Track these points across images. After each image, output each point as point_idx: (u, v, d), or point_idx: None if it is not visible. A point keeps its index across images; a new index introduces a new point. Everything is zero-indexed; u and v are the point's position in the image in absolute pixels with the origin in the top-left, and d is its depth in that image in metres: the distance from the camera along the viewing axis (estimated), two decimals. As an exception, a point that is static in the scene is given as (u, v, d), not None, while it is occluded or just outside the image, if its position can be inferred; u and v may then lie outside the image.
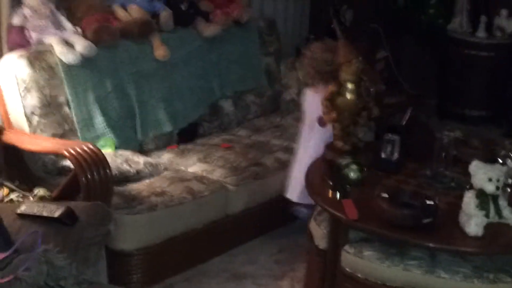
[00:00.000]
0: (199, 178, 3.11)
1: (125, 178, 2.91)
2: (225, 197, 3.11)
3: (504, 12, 4.91)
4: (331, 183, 2.65)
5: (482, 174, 2.37)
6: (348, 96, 2.93)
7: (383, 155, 2.90)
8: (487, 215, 2.34)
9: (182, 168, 3.25)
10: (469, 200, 2.40)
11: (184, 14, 3.64)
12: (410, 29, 5.19)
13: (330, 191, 2.62)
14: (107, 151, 2.93)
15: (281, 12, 4.54)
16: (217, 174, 3.18)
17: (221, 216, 3.11)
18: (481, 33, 4.93)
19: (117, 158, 2.96)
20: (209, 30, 3.70)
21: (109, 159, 2.66)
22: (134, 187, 2.91)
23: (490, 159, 2.70)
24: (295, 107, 4.07)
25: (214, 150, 3.42)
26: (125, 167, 2.92)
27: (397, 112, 4.21)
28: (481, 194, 2.37)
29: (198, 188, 3.00)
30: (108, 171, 2.58)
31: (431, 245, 2.34)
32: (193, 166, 3.26)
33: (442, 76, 5.28)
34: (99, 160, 2.57)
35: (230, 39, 3.84)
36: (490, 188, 2.35)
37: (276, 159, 3.40)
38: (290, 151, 3.48)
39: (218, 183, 3.12)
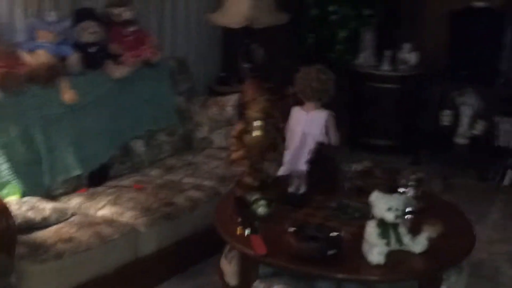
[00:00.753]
0: (109, 222, 3.07)
1: (31, 226, 2.84)
2: (135, 240, 3.08)
3: (406, 46, 5.14)
4: (240, 220, 2.68)
5: (382, 204, 2.46)
6: (256, 133, 3.00)
7: (290, 190, 2.96)
8: (388, 244, 2.43)
9: (92, 212, 3.21)
10: (371, 229, 2.48)
11: (93, 57, 3.63)
12: (320, 65, 5.32)
13: (239, 228, 2.65)
14: (12, 199, 2.86)
15: (193, 52, 4.59)
16: (128, 216, 3.16)
17: (132, 259, 3.07)
18: (386, 67, 5.14)
19: (22, 205, 2.89)
20: (118, 72, 3.70)
21: (13, 207, 2.60)
22: (40, 234, 2.83)
23: (391, 189, 2.81)
24: (208, 145, 4.12)
25: (125, 192, 3.39)
26: (30, 214, 2.86)
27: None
28: (382, 224, 2.46)
29: (107, 232, 2.96)
30: (10, 221, 2.50)
31: (336, 276, 2.42)
32: (103, 209, 3.22)
33: (352, 108, 5.44)
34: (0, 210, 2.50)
35: (141, 80, 3.85)
36: (390, 217, 2.44)
37: (188, 197, 3.41)
38: (202, 188, 3.50)
39: (128, 226, 3.09)
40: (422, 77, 5.13)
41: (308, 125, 3.12)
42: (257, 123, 2.95)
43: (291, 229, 2.56)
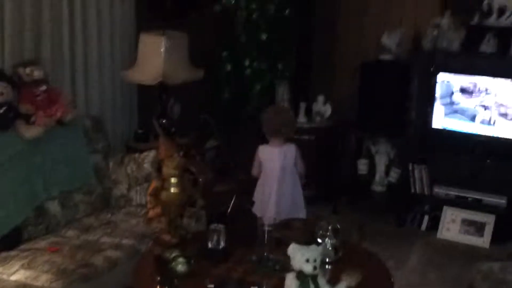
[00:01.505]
0: (22, 287, 2.95)
1: None
2: (50, 304, 2.97)
3: (320, 98, 5.28)
4: (158, 279, 2.63)
5: (300, 256, 2.48)
6: (172, 190, 2.99)
7: (210, 245, 2.95)
8: (308, 295, 2.44)
9: (4, 277, 3.07)
10: (290, 282, 2.50)
11: (2, 118, 3.52)
12: (237, 118, 5.40)
13: (158, 287, 2.60)
14: None
15: (108, 109, 4.54)
16: (42, 280, 3.04)
17: (47, 325, 2.96)
18: (301, 119, 5.24)
19: None
20: (30, 132, 3.61)
21: None
22: None
23: (309, 240, 2.84)
24: (126, 203, 4.05)
25: (40, 255, 3.28)
26: None
27: (228, 199, 4.34)
28: (301, 275, 2.48)
29: (20, 298, 2.85)
30: None
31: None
32: (16, 274, 3.09)
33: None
34: None
35: (54, 139, 3.77)
36: (308, 268, 2.47)
37: (106, 257, 3.32)
38: (121, 248, 3.43)
39: (44, 290, 2.98)
40: (337, 128, 5.26)
41: (282, 159, 3.84)
42: (173, 180, 2.94)
43: (211, 287, 2.54)
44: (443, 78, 4.80)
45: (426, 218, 4.96)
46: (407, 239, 4.77)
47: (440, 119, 4.85)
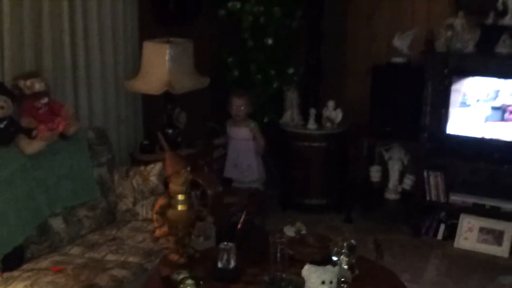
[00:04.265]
0: (25, 311, 2.84)
1: None
2: (53, 331, 2.85)
3: (331, 103, 5.13)
4: (166, 302, 2.52)
5: (315, 278, 2.38)
6: (180, 207, 2.86)
7: (220, 265, 2.83)
8: (324, 319, 2.32)
9: (6, 300, 2.97)
10: (305, 305, 2.37)
11: (3, 133, 3.41)
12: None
13: (166, 311, 2.49)
14: None
15: (112, 120, 4.42)
16: (46, 303, 2.93)
17: None
18: (311, 125, 5.10)
19: None
20: (32, 147, 3.49)
21: None
22: None
23: (324, 258, 2.71)
24: (132, 217, 3.93)
25: (43, 275, 3.15)
26: None
27: (239, 211, 4.21)
28: (317, 298, 2.36)
29: (22, 324, 2.73)
30: None
31: None
32: (19, 296, 2.99)
33: (281, 167, 5.37)
34: None
35: (57, 154, 3.65)
36: (324, 291, 2.34)
37: (112, 277, 3.19)
38: (127, 266, 3.30)
39: (47, 314, 2.86)
40: (348, 134, 5.12)
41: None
42: (180, 197, 2.81)
43: (222, 310, 2.41)
44: (458, 80, 4.65)
45: (442, 226, 4.80)
46: (423, 249, 4.63)
47: (456, 124, 4.70)
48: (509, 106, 4.51)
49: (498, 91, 4.54)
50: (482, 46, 4.54)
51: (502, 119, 4.54)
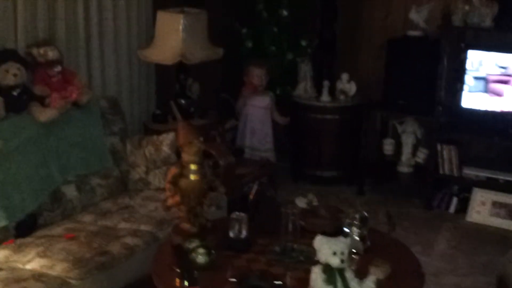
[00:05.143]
0: (38, 276, 2.85)
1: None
2: (67, 295, 2.87)
3: (345, 76, 5.09)
4: (178, 270, 2.52)
5: (326, 249, 2.36)
6: (192, 177, 2.86)
7: (231, 235, 2.84)
8: (335, 290, 2.31)
9: (20, 265, 2.99)
10: (316, 275, 2.38)
11: (16, 100, 3.42)
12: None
13: (177, 279, 2.49)
14: None
15: (125, 90, 4.42)
16: (58, 269, 2.94)
17: (64, 317, 2.86)
18: (325, 97, 5.07)
19: None
20: (45, 115, 3.49)
21: None
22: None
23: (336, 229, 2.71)
24: (144, 186, 3.94)
25: (56, 242, 3.18)
26: None
27: (250, 182, 4.22)
28: (328, 269, 2.36)
29: (35, 289, 2.75)
30: None
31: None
32: (32, 262, 3.00)
33: (293, 139, 5.36)
34: None
35: (70, 122, 3.65)
36: (335, 262, 2.35)
37: (124, 245, 3.21)
38: (139, 234, 3.33)
39: (59, 279, 2.88)
40: (362, 107, 5.08)
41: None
42: (193, 167, 2.80)
43: (232, 280, 2.42)
44: (474, 55, 4.59)
45: (454, 200, 4.78)
46: (434, 222, 4.62)
47: (471, 98, 4.66)
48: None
49: (514, 65, 4.49)
50: (500, 21, 4.47)
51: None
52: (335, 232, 2.58)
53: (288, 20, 5.14)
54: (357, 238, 2.74)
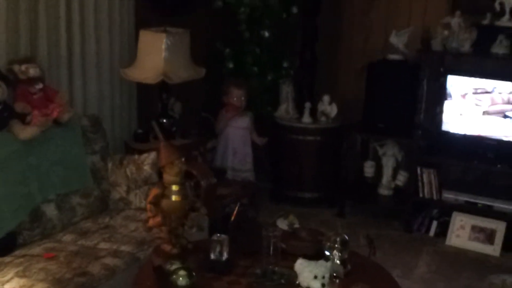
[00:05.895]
0: (16, 297, 2.82)
1: None
2: (44, 317, 2.83)
3: (326, 98, 5.13)
4: (158, 292, 2.51)
5: (308, 273, 2.38)
6: (173, 197, 2.86)
7: (212, 256, 2.82)
8: (316, 313, 2.32)
9: (-3, 286, 2.95)
10: (297, 299, 2.37)
11: (-4, 117, 3.40)
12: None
13: (158, 302, 2.48)
14: None
15: (107, 108, 4.39)
16: (37, 289, 2.91)
17: None
18: (306, 119, 5.10)
19: None
20: (26, 132, 3.47)
21: None
22: None
23: (317, 252, 2.71)
24: (125, 206, 3.91)
25: (35, 262, 3.14)
26: None
27: (232, 202, 4.21)
28: (309, 293, 2.36)
29: (13, 310, 2.71)
30: None
31: None
32: (10, 282, 2.95)
33: (274, 160, 5.37)
34: None
35: (51, 140, 3.63)
36: (316, 286, 2.36)
37: (104, 265, 3.18)
38: (119, 255, 3.29)
39: (38, 301, 2.85)
40: (343, 129, 5.12)
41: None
42: (174, 188, 2.80)
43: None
44: (453, 79, 4.66)
45: (434, 223, 4.82)
46: (414, 245, 4.64)
47: (450, 122, 4.71)
48: (503, 106, 4.52)
49: (494, 91, 4.54)
50: (478, 46, 4.55)
51: (496, 118, 4.55)
52: (316, 255, 2.59)
53: (270, 41, 5.17)
54: (338, 261, 2.74)
